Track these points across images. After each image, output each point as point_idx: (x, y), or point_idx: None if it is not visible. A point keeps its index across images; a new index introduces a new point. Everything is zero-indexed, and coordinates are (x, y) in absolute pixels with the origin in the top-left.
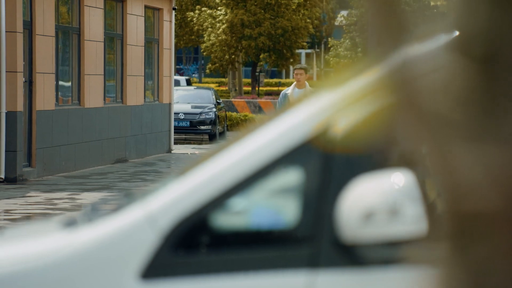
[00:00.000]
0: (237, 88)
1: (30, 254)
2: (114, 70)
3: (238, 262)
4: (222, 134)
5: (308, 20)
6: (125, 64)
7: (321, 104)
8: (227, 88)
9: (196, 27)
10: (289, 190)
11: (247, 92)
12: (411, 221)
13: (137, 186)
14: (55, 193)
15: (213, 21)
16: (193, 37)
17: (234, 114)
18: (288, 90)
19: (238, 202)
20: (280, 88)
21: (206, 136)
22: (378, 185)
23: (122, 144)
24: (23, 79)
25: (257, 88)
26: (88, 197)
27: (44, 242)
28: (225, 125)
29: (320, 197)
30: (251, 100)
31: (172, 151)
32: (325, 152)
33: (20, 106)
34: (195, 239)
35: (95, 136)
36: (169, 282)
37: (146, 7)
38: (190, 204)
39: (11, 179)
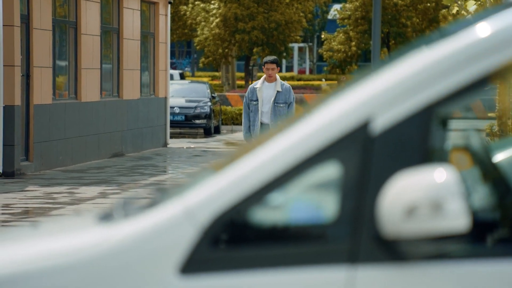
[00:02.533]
0: (230, 82)
1: (68, 249)
2: (110, 64)
3: (277, 257)
4: (217, 128)
5: (301, 14)
6: (122, 58)
7: (361, 96)
8: (220, 82)
9: (189, 21)
10: (329, 185)
11: (240, 86)
12: (454, 216)
13: (135, 180)
14: (54, 187)
15: (206, 15)
16: (186, 31)
17: (229, 108)
18: (257, 85)
19: (277, 197)
20: None
21: (201, 130)
22: (421, 179)
23: (118, 138)
24: (21, 73)
25: (250, 82)
26: (87, 191)
27: (81, 236)
28: (220, 119)
29: (360, 191)
30: (245, 94)
31: (168, 145)
32: (366, 146)
33: (17, 100)
34: (234, 234)
35: (92, 130)
36: (208, 277)
37: (142, 1)
38: (229, 199)
39: (9, 173)
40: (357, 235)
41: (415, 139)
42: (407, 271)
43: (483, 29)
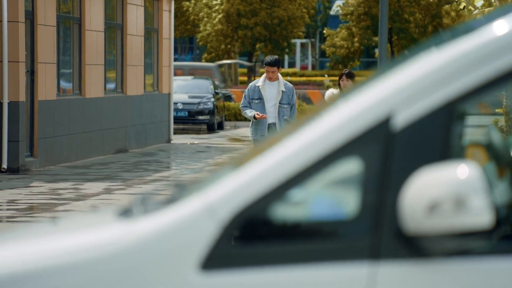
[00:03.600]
0: (233, 78)
1: (89, 245)
2: (114, 60)
3: (298, 253)
4: (220, 124)
5: (304, 10)
6: (125, 54)
7: (382, 92)
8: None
9: (192, 17)
10: (349, 181)
11: (242, 82)
12: (477, 212)
13: (139, 176)
14: (59, 183)
15: (209, 11)
16: (188, 26)
17: (232, 104)
18: (259, 83)
19: (297, 193)
20: None
21: (205, 126)
22: (444, 175)
23: (122, 134)
24: (25, 69)
25: (253, 78)
26: (91, 187)
27: (102, 232)
28: (223, 115)
29: (382, 187)
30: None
31: (171, 141)
32: (387, 142)
33: (22, 96)
34: (254, 230)
35: (96, 126)
36: (229, 273)
37: None
38: (250, 195)
39: (13, 169)
40: (378, 231)
41: (436, 135)
42: (429, 267)
43: (504, 26)
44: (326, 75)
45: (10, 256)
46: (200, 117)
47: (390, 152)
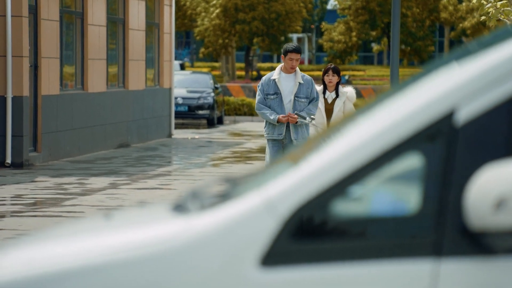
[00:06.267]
0: (230, 73)
1: (149, 240)
2: (116, 55)
3: (359, 249)
4: (220, 118)
5: (301, 4)
6: (127, 48)
7: (445, 87)
8: (219, 72)
9: (189, 11)
10: (411, 176)
11: (240, 77)
12: None
13: (143, 171)
14: (63, 178)
15: (206, 5)
16: (185, 21)
17: (231, 98)
18: (274, 76)
19: (358, 189)
20: None
21: (204, 121)
22: (510, 171)
23: (124, 128)
24: (29, 64)
25: (250, 73)
26: (97, 182)
27: (160, 228)
28: (223, 110)
29: (444, 183)
30: (246, 84)
31: (172, 136)
32: (449, 137)
33: (26, 91)
34: (314, 226)
35: (99, 121)
36: (288, 270)
37: None
38: (310, 191)
39: (17, 164)
40: (441, 227)
41: (500, 129)
42: (494, 264)
43: None
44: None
45: (71, 251)
46: (200, 112)
47: (453, 148)
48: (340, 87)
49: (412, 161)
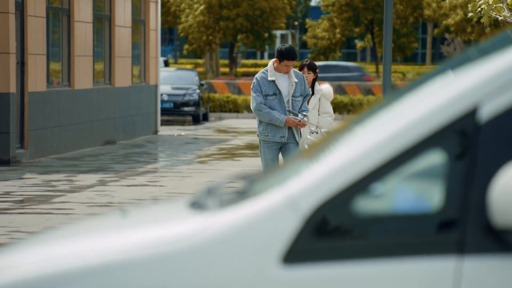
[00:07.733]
0: (214, 69)
1: (169, 238)
2: (102, 52)
3: (382, 247)
4: (205, 115)
5: (285, 1)
6: (113, 45)
7: (467, 84)
8: (203, 69)
9: (173, 8)
10: (434, 174)
11: (224, 73)
12: None
13: (131, 168)
14: (51, 174)
15: (190, 2)
16: (169, 18)
17: (217, 95)
18: (271, 77)
19: (381, 186)
20: (256, 69)
21: (190, 118)
22: None
23: (110, 125)
24: (15, 60)
25: (234, 69)
26: (85, 179)
27: (179, 225)
28: (208, 107)
29: (467, 180)
30: (230, 81)
31: (158, 133)
32: (472, 134)
33: (12, 88)
34: (336, 223)
35: (85, 117)
36: (310, 267)
37: None
38: (331, 188)
39: (4, 161)
40: (464, 225)
41: None
42: None
43: None
44: None
45: (88, 250)
46: (186, 109)
47: (476, 145)
48: (316, 84)
49: (435, 158)
